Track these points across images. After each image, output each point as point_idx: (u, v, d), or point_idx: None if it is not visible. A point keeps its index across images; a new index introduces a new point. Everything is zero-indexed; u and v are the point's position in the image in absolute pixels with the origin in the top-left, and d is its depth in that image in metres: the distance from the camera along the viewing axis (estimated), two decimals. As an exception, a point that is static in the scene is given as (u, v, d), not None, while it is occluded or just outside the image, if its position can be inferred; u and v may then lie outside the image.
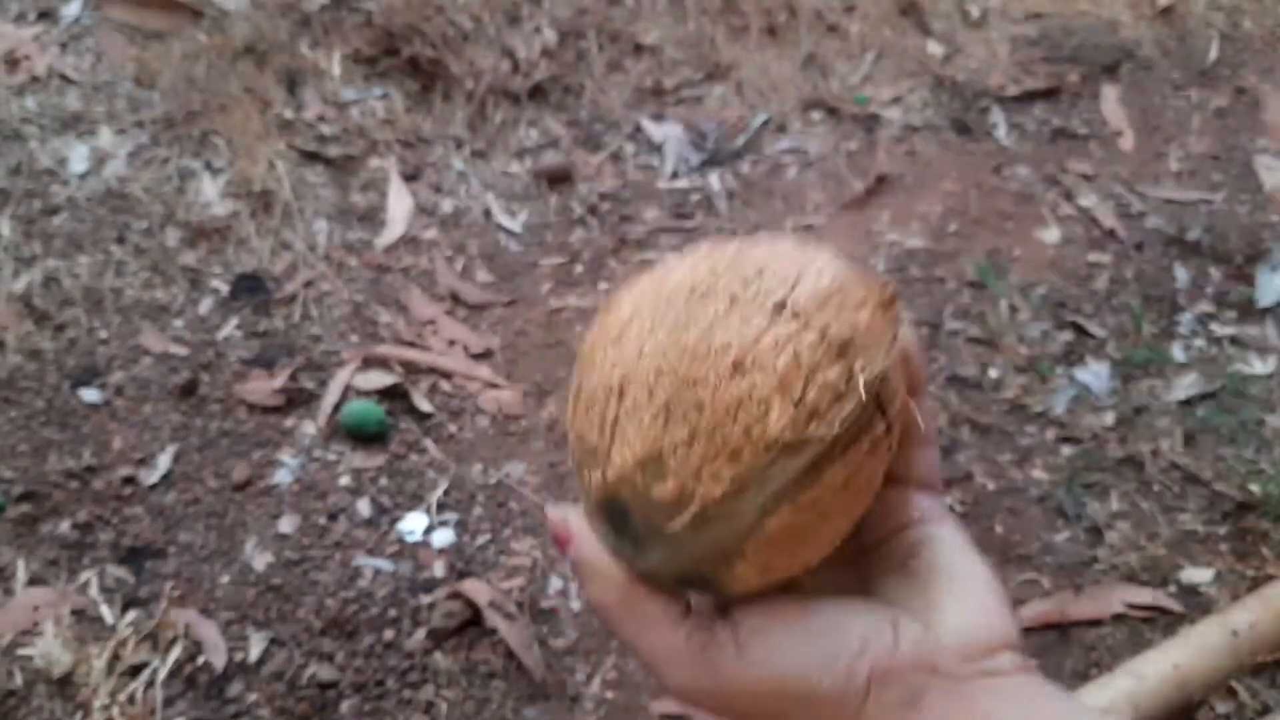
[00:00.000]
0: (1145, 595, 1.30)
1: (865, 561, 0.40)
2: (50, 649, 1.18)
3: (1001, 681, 0.35)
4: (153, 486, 1.37)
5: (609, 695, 1.21)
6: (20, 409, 1.44)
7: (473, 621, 1.25)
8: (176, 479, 1.38)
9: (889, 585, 0.38)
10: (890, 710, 0.35)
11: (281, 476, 1.39)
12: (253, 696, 1.19)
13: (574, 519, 0.39)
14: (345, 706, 1.18)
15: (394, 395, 1.48)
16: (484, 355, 1.56)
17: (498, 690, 1.21)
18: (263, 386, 1.48)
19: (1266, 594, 1.25)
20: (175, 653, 1.21)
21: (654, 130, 1.92)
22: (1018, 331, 1.62)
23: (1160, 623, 1.28)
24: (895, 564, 0.39)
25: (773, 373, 0.32)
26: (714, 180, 1.84)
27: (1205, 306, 1.67)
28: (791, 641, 0.36)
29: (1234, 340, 1.62)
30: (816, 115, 1.98)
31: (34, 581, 1.26)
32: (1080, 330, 1.62)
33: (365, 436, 1.43)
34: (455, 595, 1.27)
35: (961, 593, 0.37)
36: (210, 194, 1.74)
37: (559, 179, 1.82)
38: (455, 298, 1.63)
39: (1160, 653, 1.18)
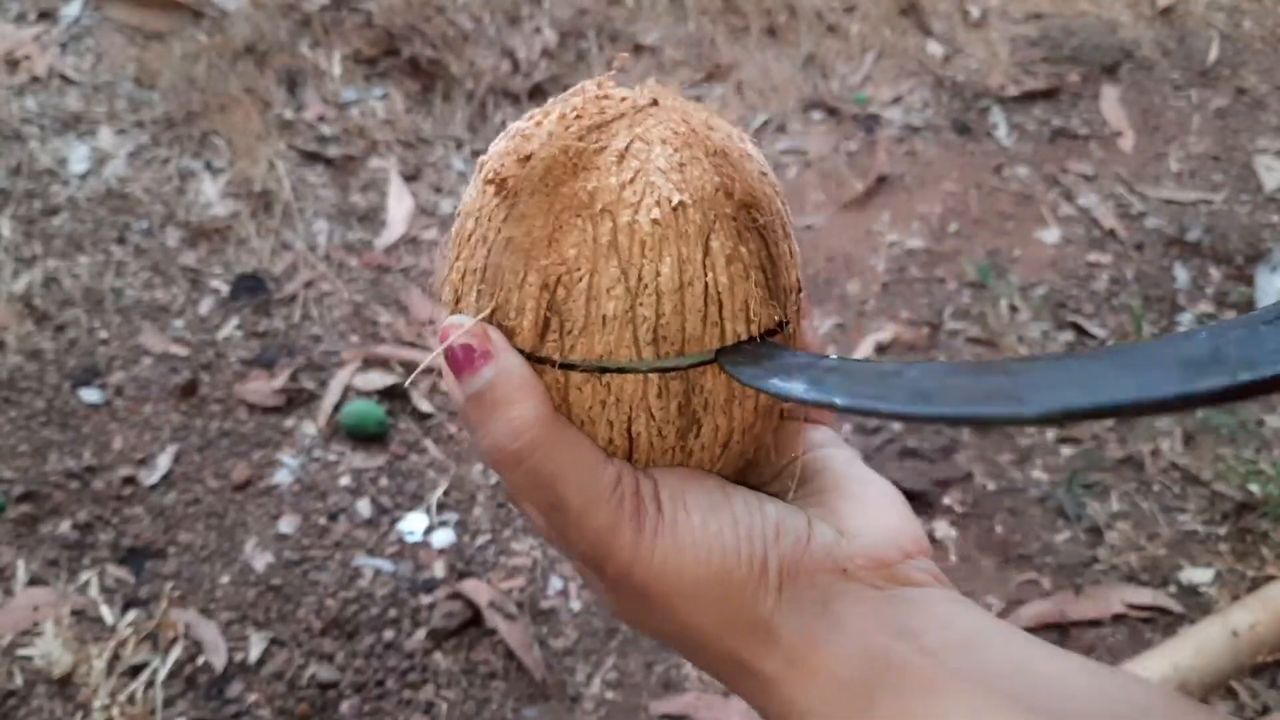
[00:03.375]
0: (1145, 595, 1.30)
1: (769, 491, 0.38)
2: (50, 649, 1.18)
3: (915, 592, 0.34)
4: (153, 486, 1.37)
5: (609, 695, 1.21)
6: (20, 409, 1.44)
7: (473, 621, 1.25)
8: (176, 479, 1.38)
9: (790, 500, 0.37)
10: (801, 612, 0.33)
11: (281, 476, 1.39)
12: (253, 696, 1.19)
13: (492, 330, 0.34)
14: (345, 706, 1.18)
15: (394, 395, 1.48)
16: (484, 355, 1.56)
17: (498, 690, 1.21)
18: (263, 386, 1.48)
19: (1266, 594, 1.25)
20: (175, 653, 1.21)
21: (654, 130, 1.92)
22: (1018, 331, 1.62)
23: (1160, 623, 1.28)
24: (798, 485, 0.38)
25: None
26: (714, 180, 1.84)
27: (1205, 306, 1.67)
28: (711, 511, 0.34)
29: (1234, 340, 1.61)
30: (816, 115, 1.98)
31: (34, 581, 1.26)
32: (1080, 330, 1.62)
33: (365, 436, 1.43)
34: (455, 595, 1.27)
35: (868, 503, 0.36)
36: (210, 194, 1.74)
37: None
38: (455, 298, 1.63)
39: (1160, 653, 1.18)
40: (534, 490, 0.34)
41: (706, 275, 0.33)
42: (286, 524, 1.35)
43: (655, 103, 0.35)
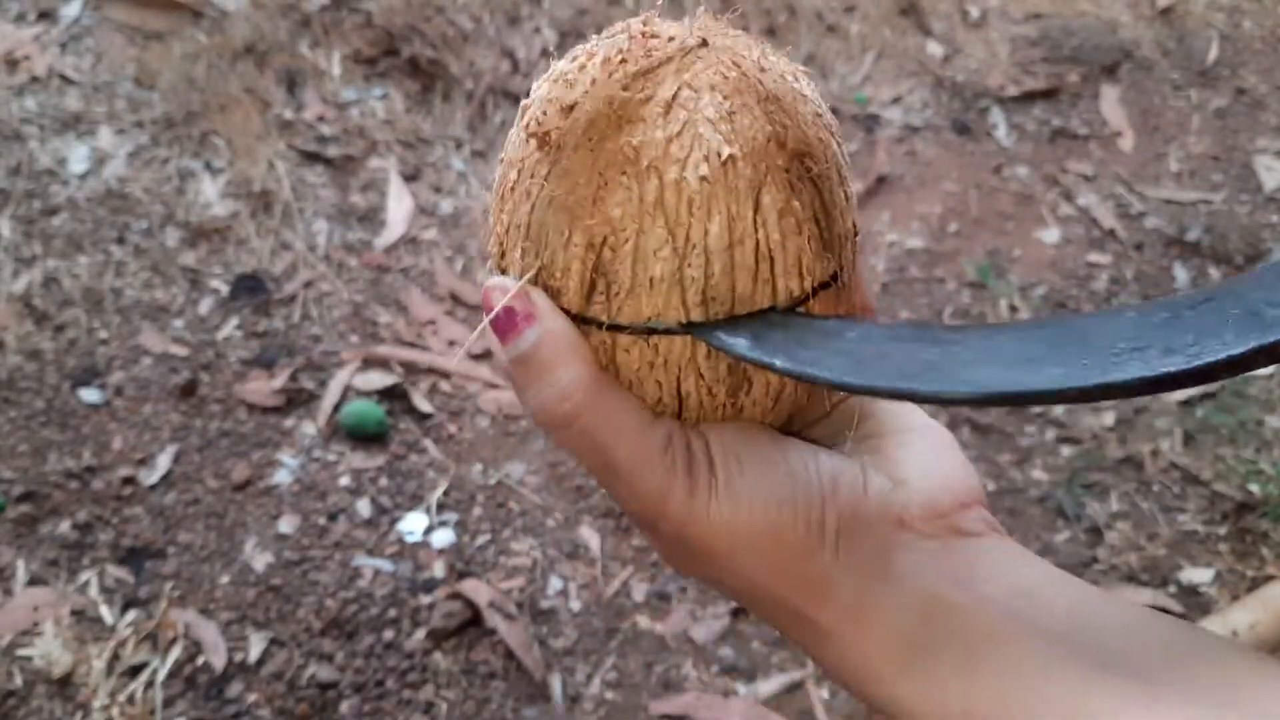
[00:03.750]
0: (1145, 595, 1.30)
1: (814, 434, 0.37)
2: (50, 649, 1.18)
3: (973, 542, 0.33)
4: (153, 486, 1.37)
5: (609, 695, 1.21)
6: (20, 409, 1.44)
7: (473, 621, 1.25)
8: (176, 479, 1.38)
9: (845, 449, 0.36)
10: (857, 564, 0.33)
11: (281, 476, 1.39)
12: (253, 696, 1.19)
13: (535, 291, 0.33)
14: (345, 706, 1.18)
15: (394, 395, 1.48)
16: (484, 355, 1.56)
17: (498, 690, 1.21)
18: (263, 386, 1.48)
19: (1266, 594, 1.25)
20: (175, 653, 1.21)
21: (654, 130, 1.92)
22: (1018, 332, 1.62)
23: (1160, 623, 1.28)
24: (847, 428, 0.37)
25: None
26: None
27: (1205, 307, 1.67)
28: (765, 468, 0.33)
29: (1234, 340, 1.62)
30: (816, 115, 1.98)
31: (34, 581, 1.26)
32: (1080, 330, 1.62)
33: (365, 436, 1.43)
34: (455, 595, 1.27)
35: (922, 449, 0.35)
36: (210, 194, 1.74)
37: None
38: (455, 298, 1.63)
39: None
40: (584, 452, 0.33)
41: (757, 232, 0.32)
42: (286, 524, 1.35)
43: (704, 43, 0.33)
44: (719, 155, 0.31)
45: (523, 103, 0.35)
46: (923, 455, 0.35)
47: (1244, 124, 1.99)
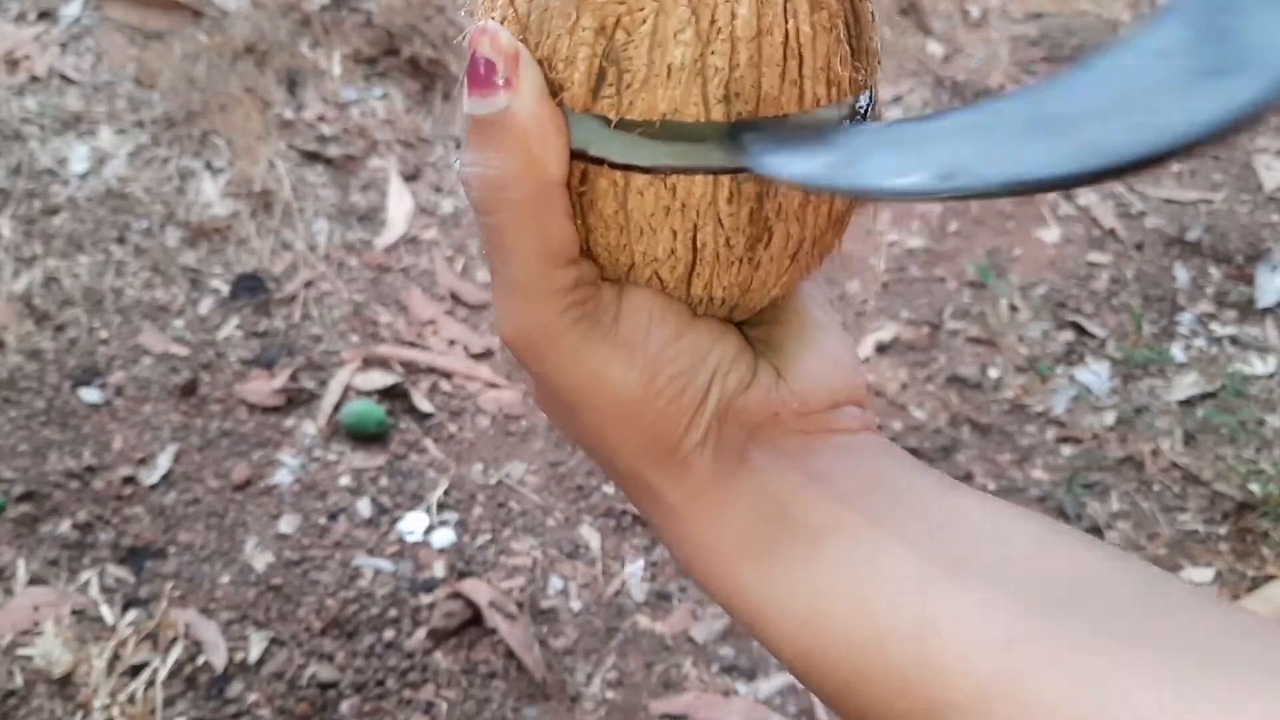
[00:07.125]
0: (1145, 595, 1.30)
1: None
2: (50, 649, 1.18)
3: (840, 439, 0.33)
4: (153, 486, 1.37)
5: (609, 695, 1.21)
6: (20, 409, 1.44)
7: (473, 621, 1.25)
8: (176, 479, 1.38)
9: (745, 327, 0.35)
10: (719, 451, 0.32)
11: (281, 476, 1.39)
12: (253, 696, 1.19)
13: (530, 63, 0.29)
14: (345, 706, 1.18)
15: (394, 395, 1.48)
16: (484, 355, 1.56)
17: (498, 690, 1.21)
18: (263, 386, 1.48)
19: (1266, 594, 1.25)
20: (175, 653, 1.21)
21: (654, 130, 1.92)
22: (1018, 331, 1.62)
23: (1160, 622, 1.28)
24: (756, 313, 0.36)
25: None
26: (714, 180, 1.84)
27: (1205, 306, 1.67)
28: (671, 334, 0.31)
29: (1234, 340, 1.62)
30: (816, 115, 1.98)
31: (34, 581, 1.26)
32: (1080, 330, 1.62)
33: (365, 436, 1.43)
34: (455, 595, 1.27)
35: (813, 345, 0.34)
36: (210, 194, 1.75)
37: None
38: (455, 298, 1.63)
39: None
40: (488, 245, 0.31)
41: (787, 22, 0.28)
42: (286, 524, 1.35)
43: None
44: None
45: None
46: (812, 349, 0.34)
47: (1244, 124, 1.99)
